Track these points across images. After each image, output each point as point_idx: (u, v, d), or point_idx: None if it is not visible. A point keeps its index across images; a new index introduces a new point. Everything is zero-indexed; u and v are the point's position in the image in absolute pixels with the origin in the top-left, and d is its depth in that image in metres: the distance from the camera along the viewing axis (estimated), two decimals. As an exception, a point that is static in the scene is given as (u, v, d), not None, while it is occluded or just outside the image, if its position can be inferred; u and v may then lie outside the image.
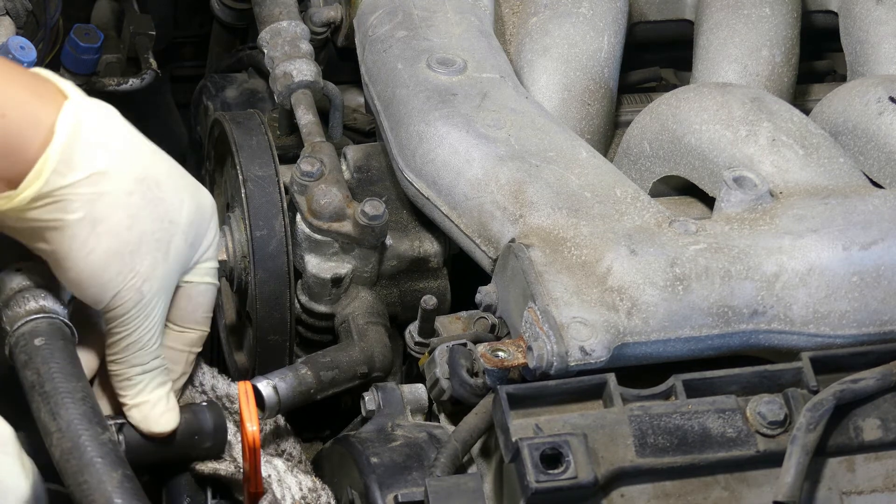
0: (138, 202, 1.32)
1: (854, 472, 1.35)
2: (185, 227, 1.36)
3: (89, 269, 1.32)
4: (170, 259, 1.35)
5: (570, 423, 1.31)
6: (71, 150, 1.29)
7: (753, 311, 1.40)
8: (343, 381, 1.56)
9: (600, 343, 1.34)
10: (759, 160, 1.54)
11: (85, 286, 1.33)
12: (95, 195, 1.30)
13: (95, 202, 1.30)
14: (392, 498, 1.36)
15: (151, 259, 1.33)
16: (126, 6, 2.18)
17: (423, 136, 1.56)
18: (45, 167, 1.28)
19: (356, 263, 1.64)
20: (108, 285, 1.33)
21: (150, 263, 1.33)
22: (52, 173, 1.28)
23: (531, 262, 1.41)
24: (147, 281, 1.34)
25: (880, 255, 1.43)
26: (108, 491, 1.22)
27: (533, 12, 1.82)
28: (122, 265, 1.32)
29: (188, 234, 1.37)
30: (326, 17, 1.95)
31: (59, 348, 1.31)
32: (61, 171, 1.28)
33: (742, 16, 1.86)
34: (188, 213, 1.36)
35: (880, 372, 1.36)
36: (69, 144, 1.29)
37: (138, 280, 1.33)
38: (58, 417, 1.26)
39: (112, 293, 1.33)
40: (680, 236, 1.43)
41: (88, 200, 1.30)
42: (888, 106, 1.61)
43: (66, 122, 1.29)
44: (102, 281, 1.32)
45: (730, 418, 1.32)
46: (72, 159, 1.29)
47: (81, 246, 1.31)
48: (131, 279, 1.33)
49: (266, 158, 1.65)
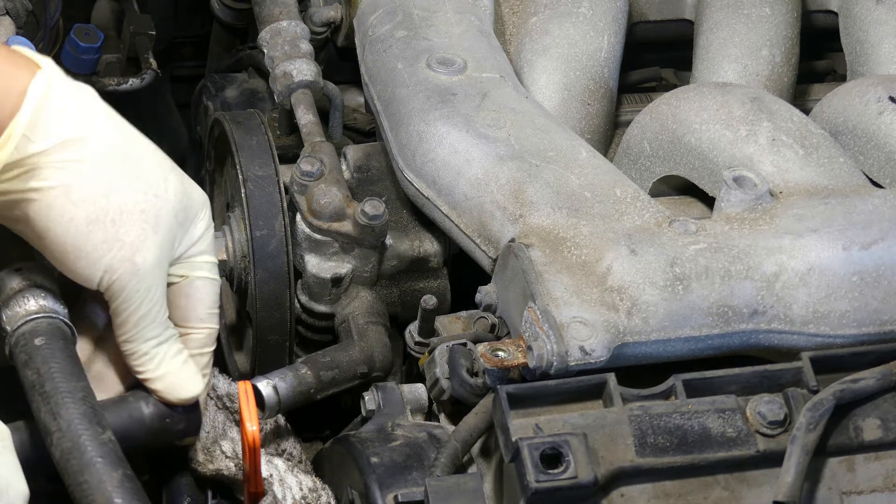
0: (115, 171, 1.30)
1: (854, 471, 1.35)
2: (174, 203, 1.33)
3: (70, 239, 1.29)
4: (161, 231, 1.31)
5: (570, 423, 1.31)
6: (41, 116, 1.27)
7: (753, 311, 1.40)
8: (343, 381, 1.56)
9: (600, 343, 1.34)
10: (759, 160, 1.54)
11: (71, 260, 1.30)
12: (68, 162, 1.28)
13: (68, 169, 1.28)
14: (392, 498, 1.36)
15: (139, 230, 1.30)
16: (126, 6, 2.18)
17: (423, 136, 1.56)
18: (12, 133, 1.26)
19: (356, 263, 1.64)
20: (95, 257, 1.29)
21: (137, 234, 1.30)
22: (22, 138, 1.26)
23: (531, 262, 1.41)
24: (139, 252, 1.30)
25: (880, 254, 1.43)
26: (108, 491, 1.22)
27: (533, 12, 1.82)
28: (105, 234, 1.29)
29: (177, 210, 1.33)
30: (326, 17, 1.95)
31: (59, 348, 1.31)
32: (31, 138, 1.26)
33: (742, 16, 1.86)
34: (175, 191, 1.33)
35: (880, 372, 1.36)
36: (39, 110, 1.27)
37: (128, 251, 1.30)
38: (58, 417, 1.26)
39: (102, 267, 1.30)
40: (680, 236, 1.43)
41: (60, 168, 1.28)
42: (888, 106, 1.61)
43: (37, 89, 1.27)
44: (87, 251, 1.29)
45: (730, 418, 1.32)
46: (42, 126, 1.27)
47: (59, 216, 1.28)
48: (118, 250, 1.29)
49: (266, 158, 1.65)
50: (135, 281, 1.31)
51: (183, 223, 1.34)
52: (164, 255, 1.33)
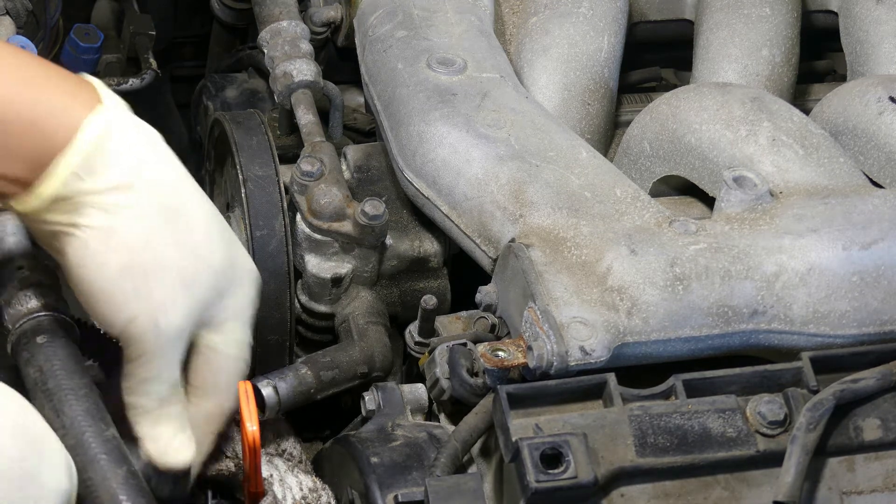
0: (161, 223, 1.26)
1: (854, 471, 1.35)
2: (215, 268, 1.29)
3: (100, 283, 1.26)
4: (193, 295, 1.27)
5: (570, 423, 1.31)
6: (95, 155, 1.24)
7: (753, 311, 1.40)
8: (343, 381, 1.56)
9: (600, 343, 1.34)
10: (759, 160, 1.54)
11: (97, 302, 1.27)
12: (114, 206, 1.25)
13: (112, 213, 1.25)
14: (392, 498, 1.36)
15: (171, 289, 1.26)
16: (126, 6, 2.18)
17: (423, 136, 1.56)
18: (61, 170, 1.24)
19: (356, 263, 1.64)
20: (121, 306, 1.26)
21: (168, 292, 1.26)
22: (71, 175, 1.23)
23: (531, 262, 1.41)
24: (165, 311, 1.26)
25: (880, 254, 1.43)
26: (112, 487, 1.22)
27: (533, 12, 1.82)
28: (134, 285, 1.25)
29: (217, 277, 1.29)
30: (326, 17, 1.95)
31: (61, 345, 1.31)
32: (81, 176, 1.24)
33: (742, 16, 1.86)
34: (220, 256, 1.29)
35: (880, 372, 1.36)
36: (94, 149, 1.24)
37: (154, 307, 1.26)
38: (61, 414, 1.26)
39: (125, 316, 1.26)
40: (680, 236, 1.43)
41: (105, 210, 1.25)
42: (888, 106, 1.61)
43: (95, 126, 1.25)
44: (114, 299, 1.26)
45: (730, 418, 1.32)
46: (95, 165, 1.24)
47: (94, 257, 1.25)
48: (145, 304, 1.26)
49: (266, 158, 1.65)
50: (153, 339, 1.27)
51: (222, 291, 1.31)
52: (190, 319, 1.29)
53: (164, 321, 1.27)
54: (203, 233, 1.29)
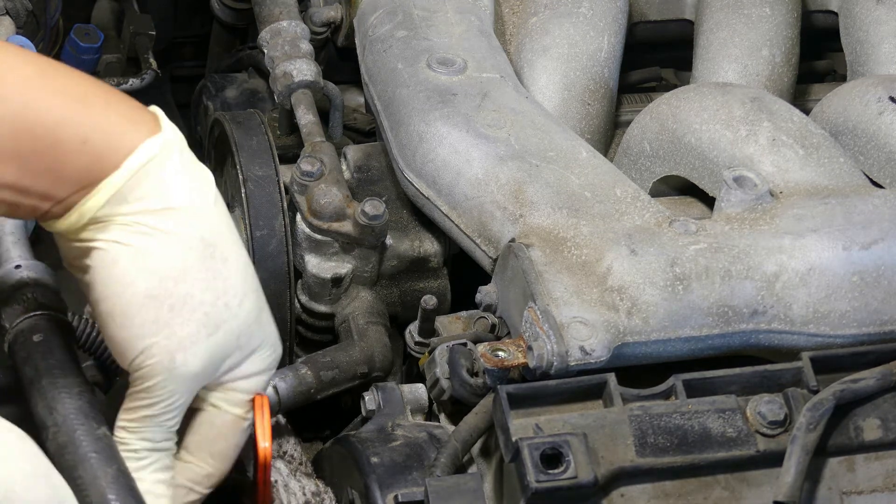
0: (196, 259, 1.21)
1: (854, 471, 1.35)
2: (241, 321, 1.24)
3: (122, 305, 1.20)
4: (216, 342, 1.22)
5: (570, 423, 1.31)
6: (143, 178, 1.20)
7: (753, 311, 1.40)
8: (343, 381, 1.56)
9: (600, 343, 1.34)
10: (759, 160, 1.54)
11: (115, 325, 1.21)
12: (153, 229, 1.20)
13: (149, 235, 1.20)
14: (392, 498, 1.35)
15: (195, 329, 1.21)
16: (126, 6, 2.18)
17: (423, 136, 1.56)
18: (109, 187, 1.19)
19: (356, 263, 1.64)
20: (139, 334, 1.21)
21: (191, 332, 1.21)
22: (117, 195, 1.19)
23: (531, 262, 1.41)
24: (185, 350, 1.21)
25: (880, 254, 1.43)
26: (102, 486, 1.21)
27: (533, 12, 1.82)
28: (158, 315, 1.20)
29: (242, 331, 1.24)
30: (326, 17, 1.95)
31: (57, 345, 1.31)
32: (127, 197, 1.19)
33: (742, 16, 1.86)
34: (248, 311, 1.24)
35: (880, 372, 1.36)
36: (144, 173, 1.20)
37: (174, 343, 1.21)
38: (54, 412, 1.25)
39: (140, 347, 1.21)
40: (680, 236, 1.43)
41: (140, 231, 1.20)
42: (888, 106, 1.61)
43: (148, 150, 1.20)
44: (133, 324, 1.20)
45: (730, 418, 1.32)
46: (142, 188, 1.20)
47: (121, 276, 1.20)
48: (165, 338, 1.20)
49: (266, 158, 1.65)
50: (165, 377, 1.22)
51: (242, 348, 1.26)
52: (208, 368, 1.24)
53: (182, 360, 1.22)
54: (237, 282, 1.24)
